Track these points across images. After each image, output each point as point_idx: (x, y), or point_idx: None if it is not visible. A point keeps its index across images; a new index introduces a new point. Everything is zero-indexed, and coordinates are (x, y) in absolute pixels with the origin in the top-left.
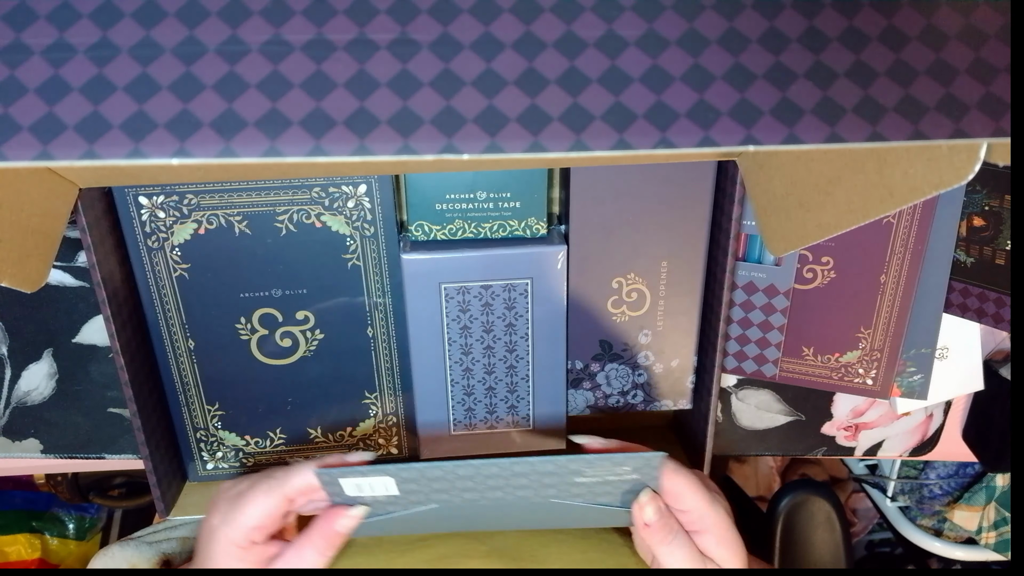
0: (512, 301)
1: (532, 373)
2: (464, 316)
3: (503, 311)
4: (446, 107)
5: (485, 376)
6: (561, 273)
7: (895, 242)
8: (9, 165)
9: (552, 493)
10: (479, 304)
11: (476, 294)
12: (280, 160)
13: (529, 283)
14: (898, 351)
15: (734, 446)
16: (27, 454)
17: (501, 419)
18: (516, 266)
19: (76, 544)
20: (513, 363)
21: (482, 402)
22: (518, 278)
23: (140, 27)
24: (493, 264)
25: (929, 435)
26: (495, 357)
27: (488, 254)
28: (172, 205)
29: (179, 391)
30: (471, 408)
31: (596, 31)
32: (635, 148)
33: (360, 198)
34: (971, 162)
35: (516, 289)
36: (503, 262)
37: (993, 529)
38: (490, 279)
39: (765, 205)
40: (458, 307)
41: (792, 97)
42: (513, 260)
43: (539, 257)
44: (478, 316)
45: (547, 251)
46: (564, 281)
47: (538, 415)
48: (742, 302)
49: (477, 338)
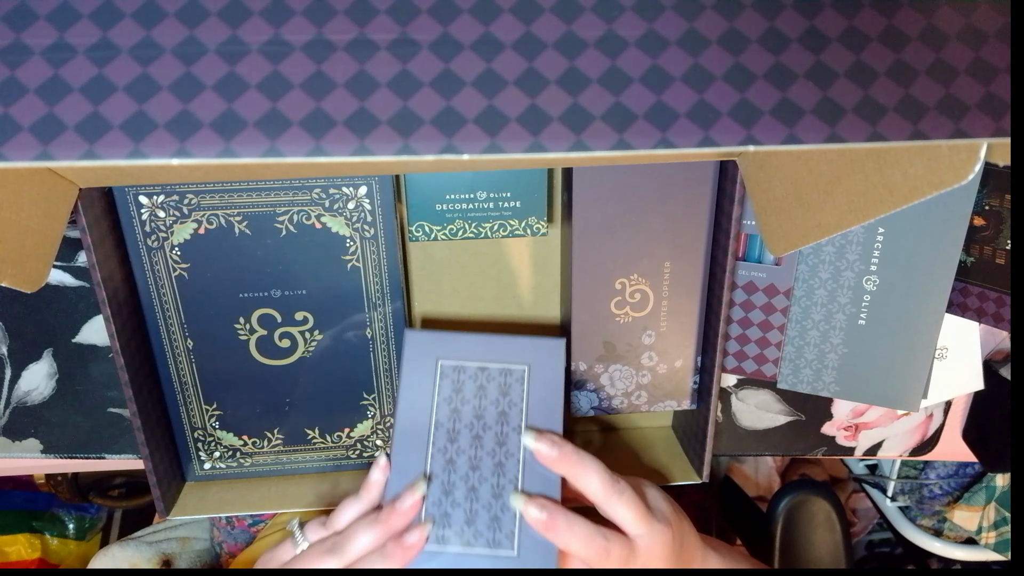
0: (508, 387)
1: (521, 474)
2: (456, 397)
3: (496, 396)
4: (446, 107)
5: (469, 472)
6: (560, 365)
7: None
8: (9, 165)
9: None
10: (474, 385)
11: (472, 374)
12: (280, 160)
13: (527, 370)
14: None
15: (734, 446)
16: (27, 454)
17: (480, 535)
18: (515, 352)
19: (76, 544)
20: (502, 459)
21: (461, 506)
22: (516, 363)
23: (140, 27)
24: (493, 347)
25: (929, 435)
26: (483, 449)
27: (489, 338)
28: (172, 205)
29: (177, 391)
30: (447, 513)
31: (596, 31)
32: (635, 148)
33: (360, 199)
34: (971, 162)
35: (513, 375)
36: (503, 346)
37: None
38: (488, 361)
39: (765, 205)
40: (452, 386)
41: (792, 97)
42: (514, 345)
43: (539, 346)
44: (470, 399)
45: (547, 342)
46: (562, 374)
47: (524, 541)
48: (742, 302)
49: (466, 423)
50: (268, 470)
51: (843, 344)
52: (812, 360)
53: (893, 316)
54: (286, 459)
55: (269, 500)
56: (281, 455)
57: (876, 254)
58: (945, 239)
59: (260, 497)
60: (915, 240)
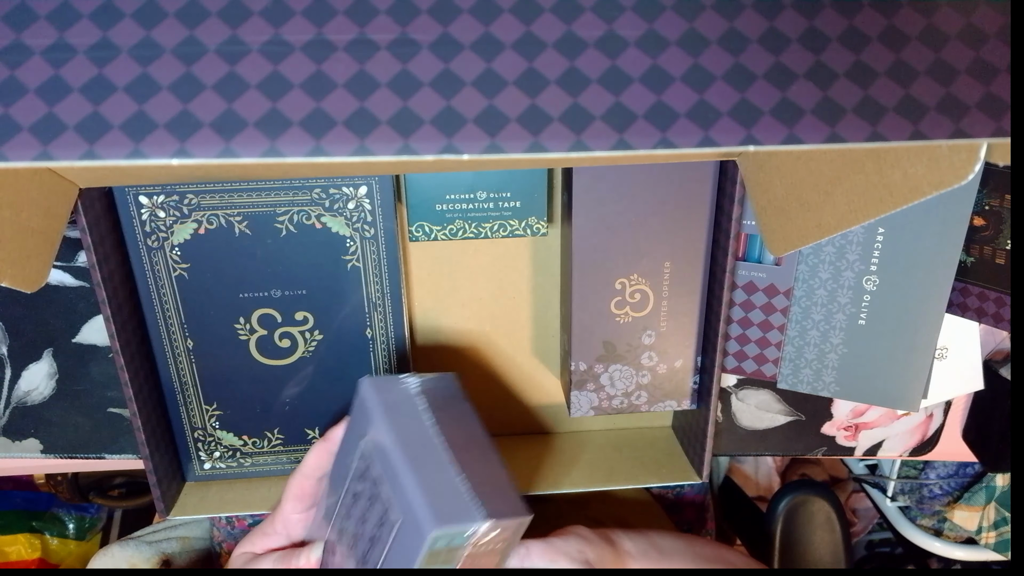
0: (387, 510)
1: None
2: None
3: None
4: (446, 107)
5: (347, 549)
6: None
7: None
8: (9, 165)
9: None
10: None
11: (373, 478)
12: (280, 160)
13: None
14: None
15: (734, 446)
16: (27, 454)
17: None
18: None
19: (76, 544)
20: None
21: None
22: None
23: (140, 27)
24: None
25: (929, 435)
26: (362, 534)
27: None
28: (172, 205)
29: (177, 391)
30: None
31: (596, 31)
32: (635, 148)
33: (360, 199)
34: (971, 162)
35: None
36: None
37: (993, 529)
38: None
39: (765, 205)
40: (359, 473)
41: (792, 97)
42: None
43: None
44: (364, 491)
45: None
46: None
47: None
48: (742, 302)
49: (359, 504)
50: (268, 470)
51: (843, 344)
52: (812, 360)
53: (893, 316)
54: (286, 459)
55: (269, 500)
56: (281, 455)
57: (876, 254)
58: (945, 239)
59: (260, 497)
60: (915, 240)
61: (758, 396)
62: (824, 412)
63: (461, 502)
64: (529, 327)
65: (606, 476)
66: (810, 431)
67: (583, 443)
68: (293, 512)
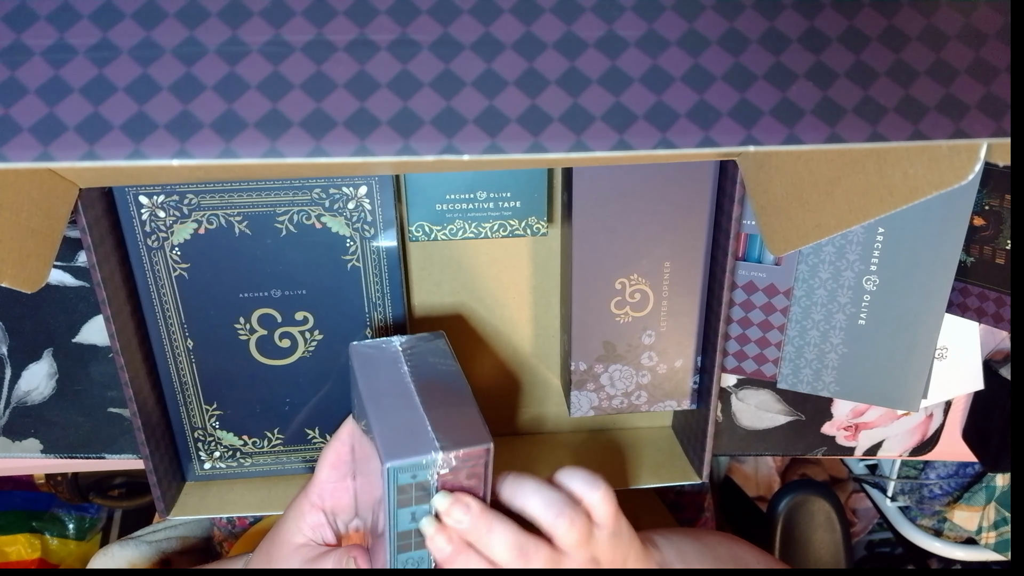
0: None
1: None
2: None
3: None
4: (446, 108)
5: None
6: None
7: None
8: (9, 166)
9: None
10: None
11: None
12: (280, 161)
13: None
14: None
15: (734, 446)
16: (27, 454)
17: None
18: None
19: (76, 544)
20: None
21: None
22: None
23: (140, 28)
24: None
25: (929, 435)
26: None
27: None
28: (172, 205)
29: (177, 391)
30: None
31: (596, 31)
32: (635, 148)
33: (360, 199)
34: (971, 162)
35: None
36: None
37: (993, 529)
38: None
39: (765, 205)
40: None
41: (792, 97)
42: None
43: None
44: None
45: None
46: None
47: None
48: (742, 302)
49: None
50: (268, 470)
51: (843, 344)
52: (812, 360)
53: (893, 316)
54: (286, 459)
55: (269, 500)
56: (281, 455)
57: (876, 254)
58: (945, 239)
59: (260, 497)
60: (915, 240)
61: (758, 396)
62: (824, 412)
63: (418, 437)
64: (529, 327)
65: (606, 476)
66: (810, 431)
67: (583, 443)
68: (328, 481)
